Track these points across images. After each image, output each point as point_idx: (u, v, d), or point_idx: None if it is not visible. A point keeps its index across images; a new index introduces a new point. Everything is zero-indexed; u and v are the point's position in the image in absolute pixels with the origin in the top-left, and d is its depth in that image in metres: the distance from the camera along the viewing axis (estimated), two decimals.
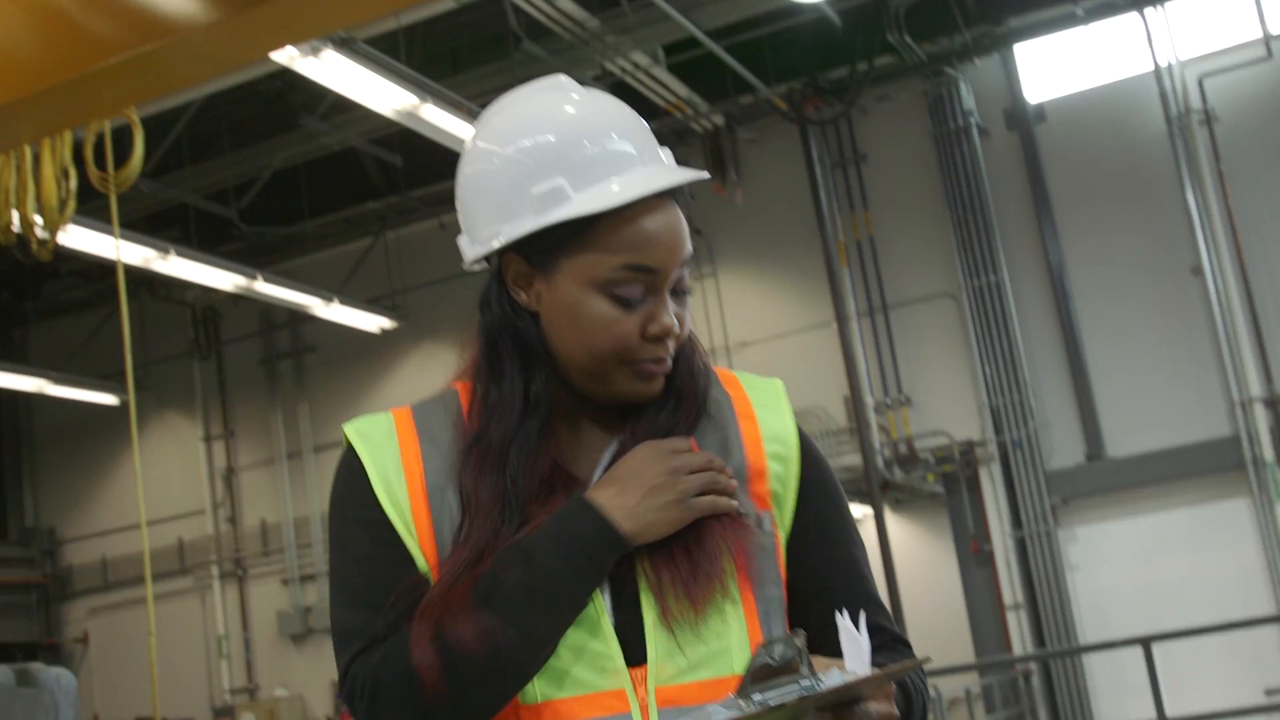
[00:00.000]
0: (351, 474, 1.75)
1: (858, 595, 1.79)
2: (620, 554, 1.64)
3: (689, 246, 1.72)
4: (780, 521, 1.76)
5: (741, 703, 1.44)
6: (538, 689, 1.62)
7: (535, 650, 1.61)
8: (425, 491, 1.71)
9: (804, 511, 1.78)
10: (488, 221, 1.73)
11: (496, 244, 1.72)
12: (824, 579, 1.78)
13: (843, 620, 1.53)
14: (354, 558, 1.72)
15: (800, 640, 1.46)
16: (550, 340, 1.73)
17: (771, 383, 1.86)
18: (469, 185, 1.77)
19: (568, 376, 1.74)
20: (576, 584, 1.62)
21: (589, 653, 1.63)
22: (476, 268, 1.80)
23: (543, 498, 1.69)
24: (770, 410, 1.81)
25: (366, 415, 1.80)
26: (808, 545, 1.77)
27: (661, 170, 1.71)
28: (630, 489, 1.65)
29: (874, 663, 1.57)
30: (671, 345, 1.72)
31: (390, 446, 1.75)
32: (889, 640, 1.78)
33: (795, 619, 1.74)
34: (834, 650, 1.56)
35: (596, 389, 1.73)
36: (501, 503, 1.67)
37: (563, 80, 1.80)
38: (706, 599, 1.64)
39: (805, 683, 1.44)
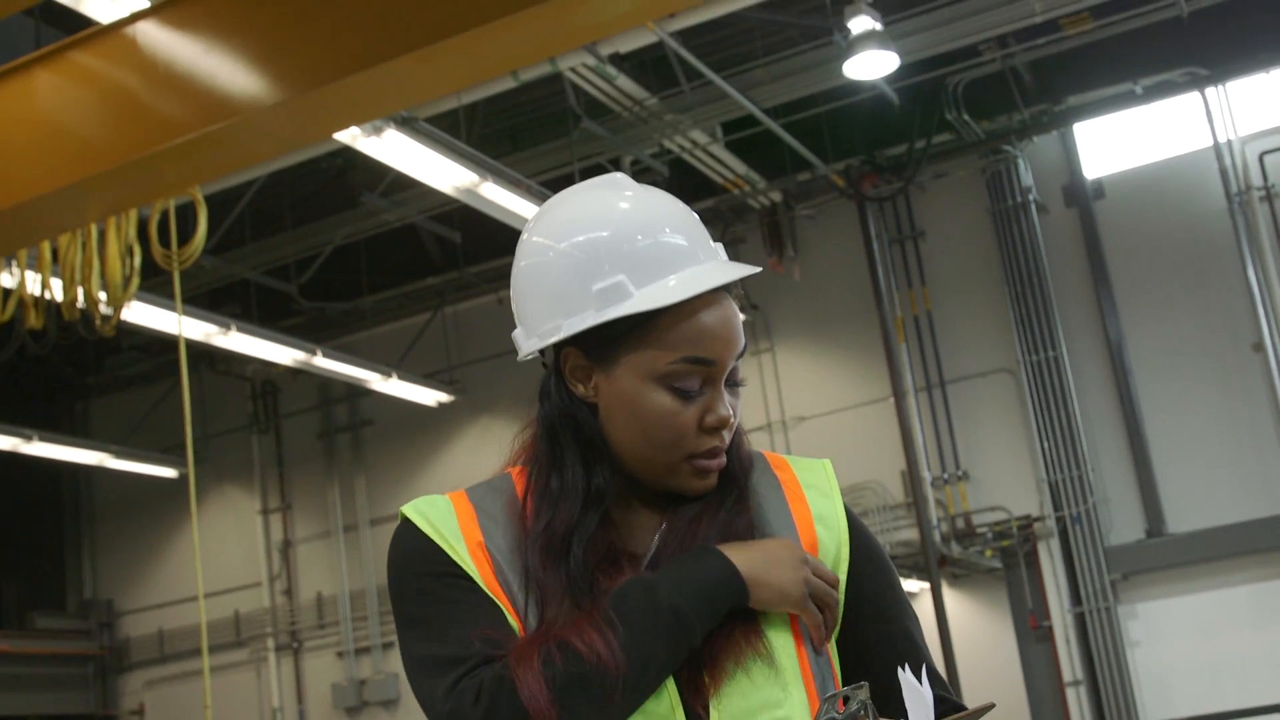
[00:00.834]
0: (412, 538, 1.77)
1: (914, 667, 1.77)
2: (738, 602, 1.68)
3: (743, 339, 1.76)
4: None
5: None
6: None
7: (649, 678, 1.63)
8: (491, 564, 1.73)
9: (855, 588, 1.80)
10: (546, 316, 1.76)
11: (556, 338, 1.75)
12: (879, 654, 1.79)
13: (905, 676, 1.56)
14: (438, 601, 1.72)
15: (864, 693, 1.48)
16: (608, 432, 1.75)
17: (820, 464, 1.89)
18: (525, 278, 1.80)
19: (625, 466, 1.77)
20: (695, 620, 1.65)
21: (651, 715, 1.65)
22: (530, 358, 1.83)
23: (608, 574, 1.71)
24: (818, 491, 1.84)
25: (425, 497, 1.82)
26: (861, 621, 1.80)
27: (718, 266, 1.76)
28: (757, 554, 1.70)
29: None
30: (727, 436, 1.76)
31: (450, 523, 1.77)
32: (950, 710, 1.77)
33: None
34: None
35: (654, 481, 1.76)
36: (567, 588, 1.69)
37: (619, 178, 1.84)
38: (726, 661, 1.67)
39: None
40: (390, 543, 1.81)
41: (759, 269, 1.80)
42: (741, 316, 1.77)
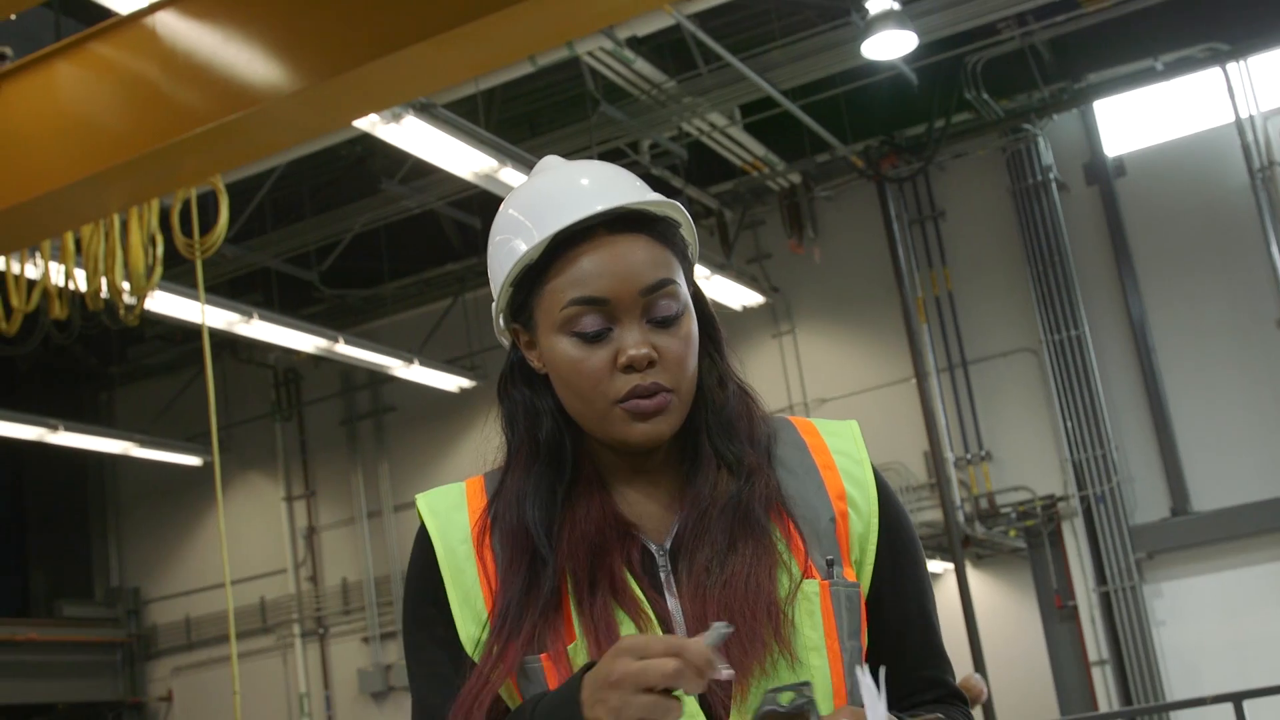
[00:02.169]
0: (417, 550, 1.83)
1: (928, 649, 1.82)
2: None
3: (658, 273, 1.72)
4: (860, 573, 1.76)
5: None
6: None
7: None
8: (493, 559, 1.77)
9: (881, 562, 1.78)
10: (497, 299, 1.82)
11: (498, 319, 1.83)
12: (897, 632, 1.79)
13: (862, 674, 1.53)
14: (419, 658, 1.81)
15: (809, 690, 1.46)
16: (562, 400, 1.78)
17: (848, 426, 1.87)
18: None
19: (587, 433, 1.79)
20: None
21: None
22: (506, 342, 1.87)
23: (622, 548, 1.72)
24: (849, 458, 1.82)
25: (439, 487, 1.86)
26: (883, 597, 1.78)
27: (600, 205, 1.73)
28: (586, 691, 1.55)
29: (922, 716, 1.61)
30: (658, 375, 1.71)
31: (460, 518, 1.81)
32: (946, 695, 1.81)
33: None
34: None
35: (604, 437, 1.76)
36: (528, 563, 1.73)
37: (547, 160, 1.88)
38: (751, 663, 1.64)
39: None
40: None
41: (631, 199, 1.74)
42: (658, 248, 1.74)
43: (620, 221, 1.72)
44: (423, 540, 1.81)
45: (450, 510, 1.82)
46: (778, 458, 1.81)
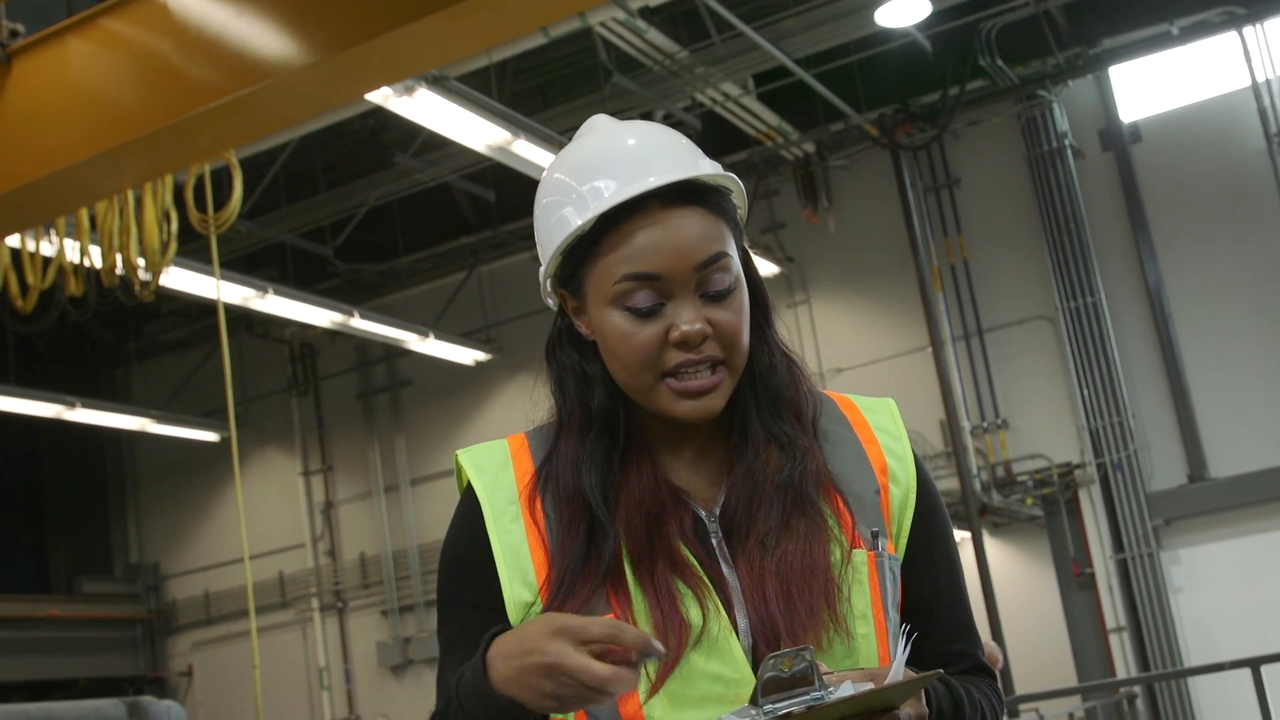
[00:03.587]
0: (464, 518, 1.81)
1: (957, 624, 1.83)
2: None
3: (712, 247, 1.71)
4: (897, 546, 1.78)
5: (753, 712, 1.47)
6: (669, 714, 1.65)
7: None
8: (543, 516, 1.77)
9: (915, 536, 1.80)
10: (544, 263, 1.80)
11: (545, 282, 1.81)
12: (927, 605, 1.79)
13: (898, 642, 1.57)
14: (453, 616, 1.80)
15: (809, 654, 1.47)
16: (609, 367, 1.77)
17: (885, 403, 1.88)
18: (535, 232, 1.84)
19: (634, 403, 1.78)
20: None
21: (723, 679, 1.65)
22: (553, 305, 1.86)
23: (675, 515, 1.73)
24: (888, 434, 1.84)
25: (481, 444, 1.85)
26: (916, 570, 1.79)
27: (656, 178, 1.71)
28: (511, 665, 1.57)
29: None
30: (711, 349, 1.71)
31: (506, 477, 1.80)
32: (971, 668, 1.81)
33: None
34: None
35: (651, 410, 1.75)
36: (587, 527, 1.72)
37: (596, 120, 1.85)
38: (807, 637, 1.65)
39: (815, 693, 1.46)
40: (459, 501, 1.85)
41: (689, 173, 1.72)
42: (711, 221, 1.72)
43: (674, 193, 1.71)
44: (468, 498, 1.81)
45: (497, 469, 1.81)
46: (822, 430, 1.82)
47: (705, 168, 1.74)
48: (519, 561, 1.74)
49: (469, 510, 1.80)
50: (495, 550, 1.75)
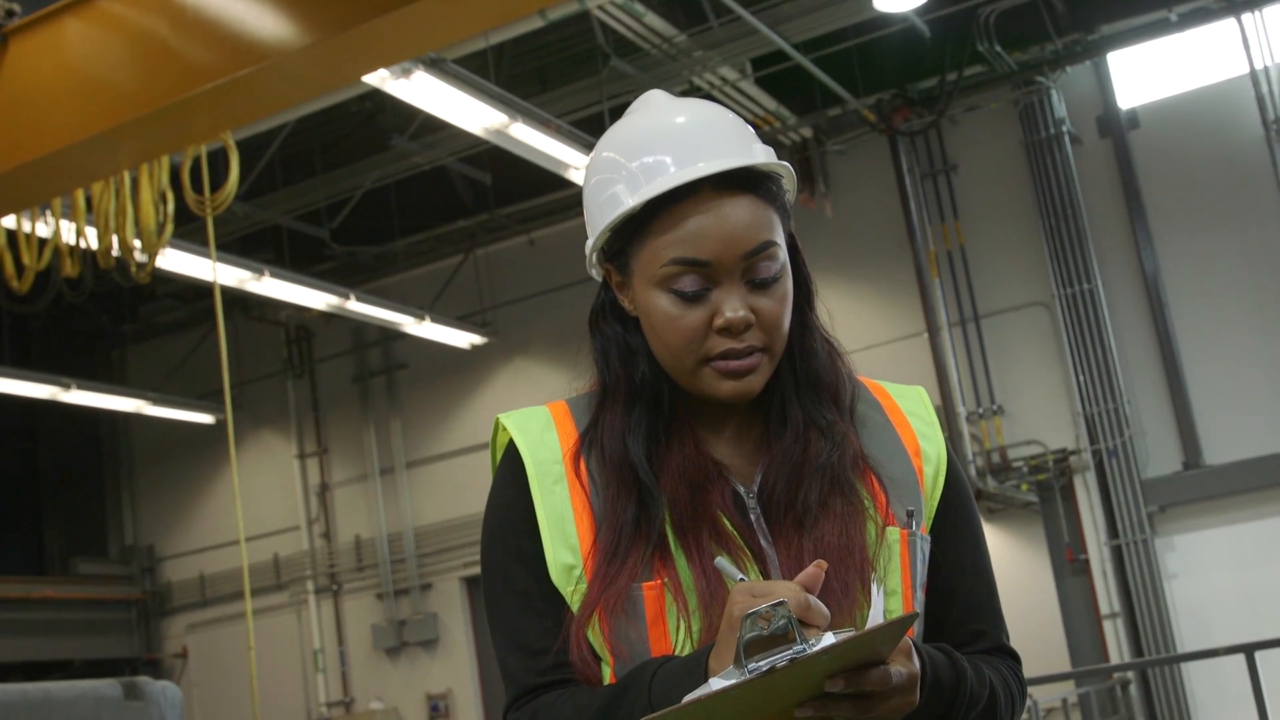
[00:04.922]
0: (507, 479, 1.81)
1: (980, 605, 1.86)
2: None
3: (761, 235, 1.72)
4: (926, 526, 1.80)
5: (737, 671, 1.48)
6: None
7: None
8: (587, 476, 1.78)
9: (941, 517, 1.83)
10: (592, 236, 1.81)
11: (591, 255, 1.81)
12: (949, 582, 1.82)
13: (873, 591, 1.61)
14: (512, 590, 1.78)
15: (785, 609, 1.49)
16: (651, 345, 1.78)
17: (916, 390, 1.93)
18: (584, 204, 1.85)
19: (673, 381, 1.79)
20: None
21: None
22: (598, 277, 1.87)
23: (716, 489, 1.74)
24: (921, 420, 1.87)
25: (522, 409, 1.87)
26: (940, 548, 1.81)
27: (707, 165, 1.71)
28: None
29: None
30: (754, 337, 1.73)
31: (550, 439, 1.82)
32: (992, 648, 1.84)
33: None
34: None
35: (691, 389, 1.76)
36: (636, 497, 1.73)
37: (650, 96, 1.86)
38: (843, 617, 1.66)
39: (797, 647, 1.47)
40: (500, 462, 1.84)
41: (749, 160, 1.73)
42: (762, 208, 1.73)
43: (726, 178, 1.71)
44: (511, 459, 1.81)
45: (541, 431, 1.82)
46: (859, 415, 1.85)
47: (759, 155, 1.76)
48: (563, 525, 1.74)
49: (512, 470, 1.80)
50: (538, 511, 1.75)
